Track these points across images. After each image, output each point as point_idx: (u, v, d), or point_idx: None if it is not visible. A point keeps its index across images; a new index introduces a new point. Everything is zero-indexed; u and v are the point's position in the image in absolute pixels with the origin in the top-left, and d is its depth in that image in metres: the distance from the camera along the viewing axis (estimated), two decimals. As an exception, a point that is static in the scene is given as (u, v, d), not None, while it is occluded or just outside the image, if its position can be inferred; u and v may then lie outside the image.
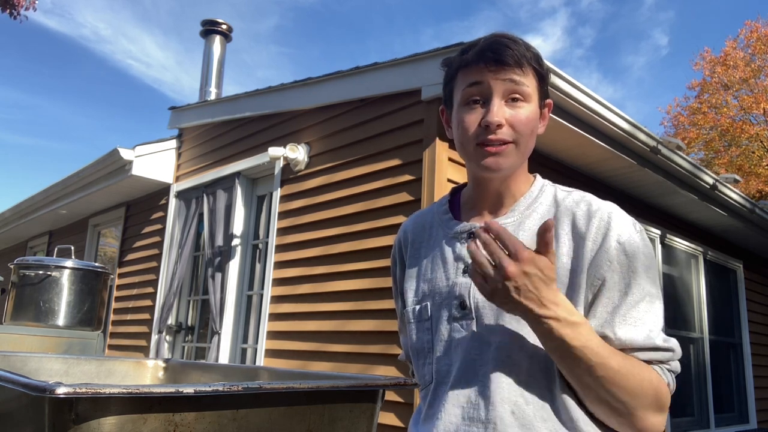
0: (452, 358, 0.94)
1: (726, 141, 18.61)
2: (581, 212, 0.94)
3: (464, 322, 0.94)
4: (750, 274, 6.57)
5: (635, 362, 0.86)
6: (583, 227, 0.92)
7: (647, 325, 0.88)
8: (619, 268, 0.89)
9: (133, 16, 54.50)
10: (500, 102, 0.93)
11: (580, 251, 0.91)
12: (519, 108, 0.94)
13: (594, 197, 0.97)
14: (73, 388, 0.44)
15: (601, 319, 0.89)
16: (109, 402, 0.47)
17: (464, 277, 0.96)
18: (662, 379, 0.87)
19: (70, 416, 0.46)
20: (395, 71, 3.42)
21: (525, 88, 0.94)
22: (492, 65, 0.93)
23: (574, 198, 0.97)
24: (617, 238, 0.90)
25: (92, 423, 0.47)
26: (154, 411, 0.49)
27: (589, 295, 0.90)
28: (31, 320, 3.13)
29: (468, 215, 1.03)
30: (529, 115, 0.95)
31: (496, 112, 0.92)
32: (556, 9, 38.82)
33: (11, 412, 0.55)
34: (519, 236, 0.95)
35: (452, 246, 1.00)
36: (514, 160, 0.95)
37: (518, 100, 0.94)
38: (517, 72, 0.93)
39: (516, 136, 0.94)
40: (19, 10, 6.67)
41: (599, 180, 4.36)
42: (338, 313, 3.44)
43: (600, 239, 0.91)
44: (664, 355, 0.88)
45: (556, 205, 0.97)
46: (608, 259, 0.89)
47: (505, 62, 0.93)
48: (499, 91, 0.93)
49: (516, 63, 0.93)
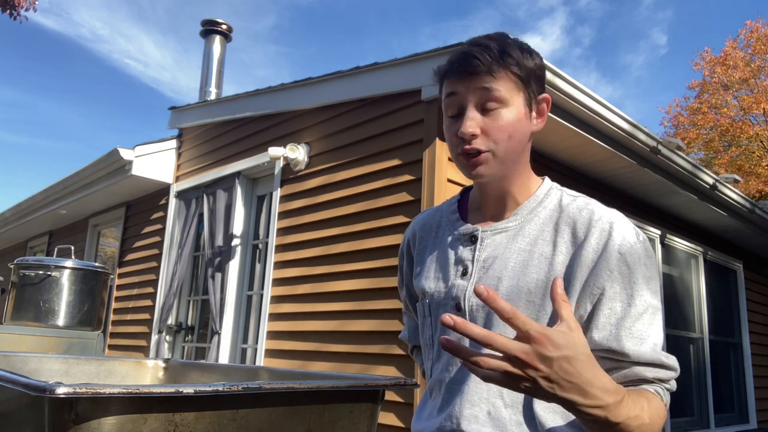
0: (445, 356, 0.98)
1: (726, 141, 18.61)
2: (583, 219, 0.93)
3: None
4: (750, 274, 6.57)
5: (652, 402, 0.83)
6: (582, 235, 0.92)
7: (652, 339, 0.87)
8: (620, 278, 0.88)
9: (129, 15, 54.51)
10: (474, 112, 0.94)
11: (577, 259, 0.91)
12: (494, 115, 0.94)
13: (599, 204, 0.96)
14: (73, 388, 0.44)
15: (605, 332, 0.88)
16: (109, 402, 0.47)
17: (462, 279, 0.97)
18: (663, 403, 0.86)
19: (70, 416, 0.46)
20: (395, 71, 3.42)
21: (498, 93, 0.93)
22: (462, 76, 0.94)
23: (578, 204, 0.96)
24: (618, 248, 0.89)
25: (92, 423, 0.47)
26: (154, 411, 0.49)
27: (588, 305, 0.89)
28: (31, 320, 3.13)
29: (473, 217, 1.04)
30: (508, 120, 0.94)
31: (468, 124, 0.93)
32: (555, 8, 38.85)
33: (11, 412, 0.55)
34: (516, 242, 0.95)
35: (455, 248, 1.01)
36: (495, 168, 0.95)
37: (492, 109, 0.94)
38: (487, 79, 0.93)
39: (490, 144, 0.93)
40: (19, 10, 6.67)
41: (599, 180, 4.35)
42: (338, 313, 3.44)
43: (600, 248, 0.90)
44: (668, 373, 0.88)
45: (560, 210, 0.97)
46: (608, 268, 0.89)
47: (473, 72, 0.93)
48: (472, 100, 0.94)
49: (485, 70, 0.93)
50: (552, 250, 0.92)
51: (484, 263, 0.96)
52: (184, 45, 59.04)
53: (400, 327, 3.08)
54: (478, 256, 0.97)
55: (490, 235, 0.98)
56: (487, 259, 0.96)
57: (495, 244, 0.97)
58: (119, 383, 0.77)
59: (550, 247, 0.93)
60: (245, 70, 60.45)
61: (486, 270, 0.95)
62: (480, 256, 0.97)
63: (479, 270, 0.96)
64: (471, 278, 0.96)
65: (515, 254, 0.94)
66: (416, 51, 3.34)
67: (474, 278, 0.96)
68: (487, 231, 0.98)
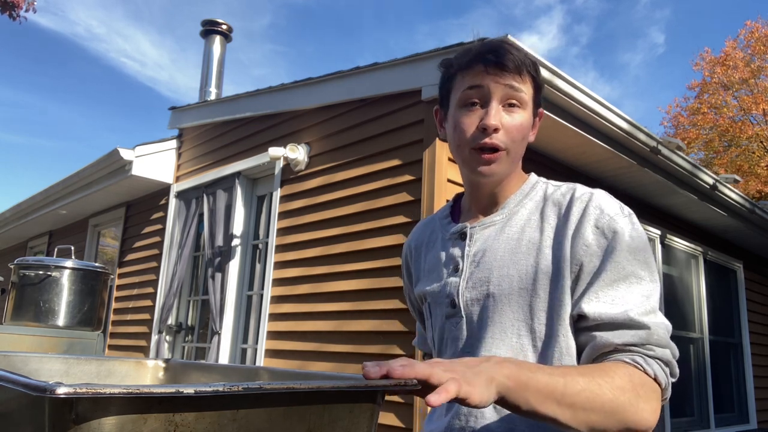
0: (448, 354, 0.98)
1: (726, 141, 18.62)
2: (565, 201, 0.94)
3: (455, 319, 0.97)
4: (750, 274, 6.57)
5: (618, 374, 0.79)
6: (564, 215, 0.92)
7: (627, 305, 0.83)
8: (598, 251, 0.87)
9: (125, 13, 54.51)
10: (498, 106, 0.94)
11: (561, 240, 0.91)
12: (515, 114, 0.95)
13: (581, 186, 0.96)
14: (74, 388, 0.44)
15: (575, 301, 0.87)
16: (109, 402, 0.47)
17: (454, 276, 0.98)
18: (643, 373, 0.80)
19: (70, 416, 0.46)
20: (395, 71, 3.42)
21: (522, 94, 0.95)
22: (492, 69, 0.94)
23: (562, 191, 0.97)
24: (594, 222, 0.89)
25: (92, 423, 0.47)
26: (154, 411, 0.49)
27: (572, 283, 0.89)
28: (31, 320, 3.13)
29: (465, 217, 1.05)
30: (523, 122, 0.96)
31: (494, 116, 0.93)
32: (552, 6, 38.87)
33: (11, 412, 0.55)
34: (504, 233, 0.96)
35: (446, 248, 1.03)
36: (505, 167, 0.96)
37: (515, 106, 0.95)
38: (516, 78, 0.94)
39: (508, 142, 0.94)
40: (18, 11, 6.67)
41: (599, 180, 4.36)
42: (338, 313, 3.44)
43: (576, 223, 0.90)
44: (639, 335, 0.82)
45: (544, 199, 0.98)
46: (584, 243, 0.88)
47: (505, 66, 0.93)
48: (498, 95, 0.94)
49: (516, 69, 0.94)
50: (539, 236, 0.93)
51: (474, 258, 0.97)
52: (181, 44, 59.07)
53: (400, 327, 3.08)
54: (468, 251, 0.98)
55: (479, 230, 0.99)
56: (477, 254, 0.97)
57: (484, 238, 0.98)
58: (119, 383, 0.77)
59: (538, 233, 0.93)
60: (242, 69, 60.47)
61: (477, 264, 0.96)
62: (470, 251, 0.98)
63: (470, 265, 0.97)
64: (463, 274, 0.97)
65: (504, 244, 0.95)
66: (413, 49, 3.36)
67: (466, 274, 0.97)
68: (476, 227, 1.00)
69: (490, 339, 0.92)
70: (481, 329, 0.93)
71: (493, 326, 0.92)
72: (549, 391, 0.74)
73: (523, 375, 0.73)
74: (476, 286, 0.95)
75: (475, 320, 0.94)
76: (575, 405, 0.75)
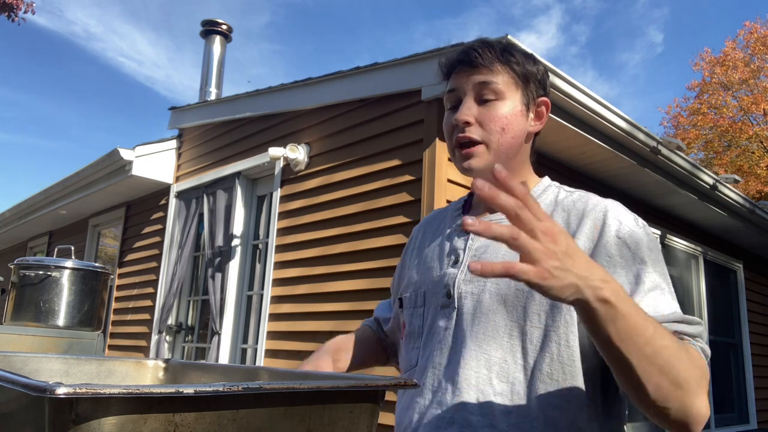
0: (435, 344, 0.97)
1: (726, 141, 18.62)
2: (576, 211, 0.94)
3: (448, 310, 0.97)
4: (750, 274, 6.57)
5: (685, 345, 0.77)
6: (575, 225, 0.92)
7: (669, 309, 0.83)
8: (622, 262, 0.87)
9: (122, 12, 54.50)
10: (470, 102, 0.97)
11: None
12: (489, 106, 0.97)
13: (594, 196, 0.96)
14: (74, 388, 0.44)
15: None
16: (109, 402, 0.47)
17: (453, 268, 0.99)
18: (699, 354, 0.79)
19: (70, 416, 0.46)
20: (395, 71, 3.42)
21: (495, 85, 0.96)
22: (463, 69, 0.99)
23: (573, 198, 0.97)
24: (616, 232, 0.89)
25: (92, 423, 0.47)
26: (154, 411, 0.49)
27: None
28: (31, 320, 3.13)
29: (474, 212, 1.06)
30: (501, 113, 0.96)
31: (463, 111, 0.96)
32: (550, 6, 38.91)
33: (11, 412, 0.55)
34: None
35: (450, 239, 1.03)
36: (486, 160, 0.97)
37: (490, 100, 0.97)
38: (485, 72, 0.97)
39: (485, 134, 0.96)
40: (17, 12, 6.68)
41: (599, 180, 4.36)
42: (338, 314, 3.44)
43: (596, 237, 0.89)
44: (692, 328, 0.81)
45: (555, 205, 0.97)
46: (607, 255, 0.87)
47: (473, 63, 0.97)
48: (470, 93, 0.98)
49: (484, 63, 0.97)
50: None
51: (476, 252, 0.98)
52: (178, 43, 59.07)
53: (400, 327, 3.08)
54: (471, 245, 0.99)
55: None
56: (479, 248, 0.98)
57: None
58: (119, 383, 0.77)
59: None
60: (241, 69, 60.56)
61: (478, 259, 0.96)
62: (473, 245, 0.99)
63: (470, 258, 0.97)
64: (461, 266, 0.97)
65: None
66: (411, 49, 3.39)
67: (464, 267, 0.97)
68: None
69: (481, 335, 0.91)
70: (473, 324, 0.93)
71: (486, 323, 0.92)
72: (641, 330, 0.69)
73: (624, 298, 0.68)
74: (474, 280, 0.95)
75: (468, 314, 0.94)
76: (654, 357, 0.70)
